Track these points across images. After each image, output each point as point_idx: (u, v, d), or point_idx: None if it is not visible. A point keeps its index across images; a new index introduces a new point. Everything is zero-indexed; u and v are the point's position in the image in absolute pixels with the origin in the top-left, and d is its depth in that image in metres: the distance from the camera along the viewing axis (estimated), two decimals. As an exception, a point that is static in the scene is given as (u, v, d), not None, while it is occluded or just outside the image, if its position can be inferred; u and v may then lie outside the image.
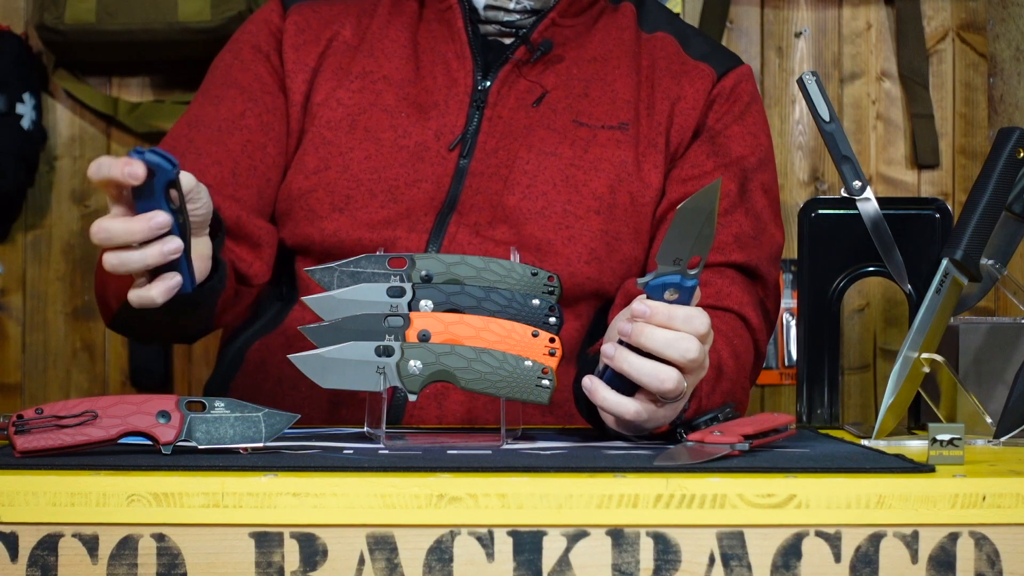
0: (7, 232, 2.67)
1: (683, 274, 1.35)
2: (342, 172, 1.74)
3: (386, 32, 1.82)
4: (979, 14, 2.68)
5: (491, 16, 1.80)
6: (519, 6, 1.79)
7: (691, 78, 1.81)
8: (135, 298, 1.39)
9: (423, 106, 1.77)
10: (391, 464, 1.25)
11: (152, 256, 1.35)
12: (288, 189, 1.76)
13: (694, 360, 1.37)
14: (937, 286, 1.60)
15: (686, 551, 1.19)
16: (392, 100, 1.77)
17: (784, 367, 2.66)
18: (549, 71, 1.80)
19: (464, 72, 1.78)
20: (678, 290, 1.36)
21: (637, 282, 1.38)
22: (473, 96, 1.77)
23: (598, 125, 1.78)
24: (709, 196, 1.31)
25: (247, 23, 1.86)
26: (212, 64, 1.85)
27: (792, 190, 2.67)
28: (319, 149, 1.76)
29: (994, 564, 1.19)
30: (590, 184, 1.74)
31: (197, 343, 2.68)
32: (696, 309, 1.37)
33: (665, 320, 1.37)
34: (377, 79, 1.78)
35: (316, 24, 1.82)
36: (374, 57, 1.80)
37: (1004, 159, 1.60)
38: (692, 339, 1.37)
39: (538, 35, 1.79)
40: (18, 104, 2.56)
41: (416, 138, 1.75)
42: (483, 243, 1.71)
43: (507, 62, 1.79)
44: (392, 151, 1.75)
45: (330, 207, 1.73)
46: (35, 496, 1.17)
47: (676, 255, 1.34)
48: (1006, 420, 1.57)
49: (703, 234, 1.32)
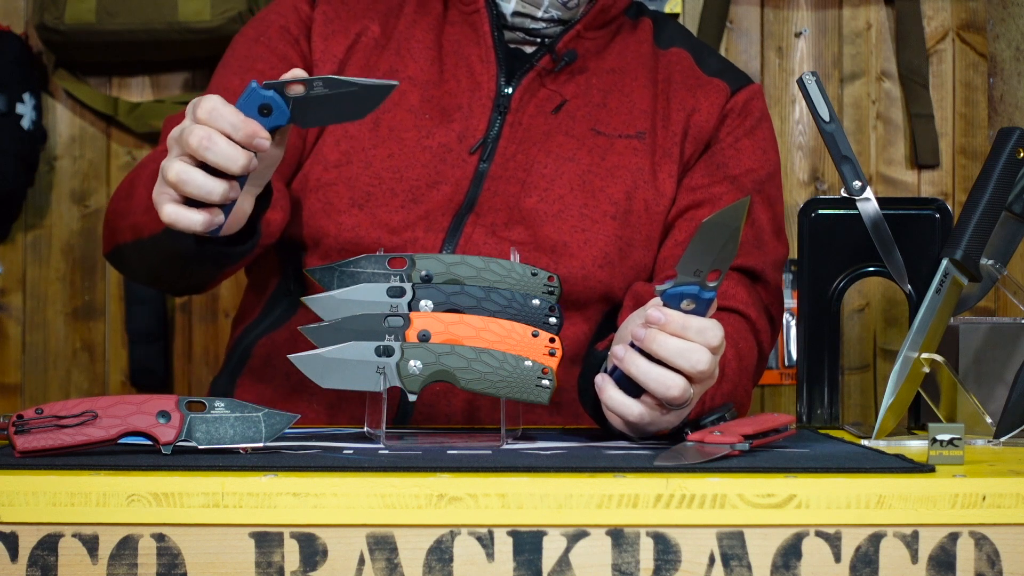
0: (7, 232, 2.67)
1: (702, 286, 1.36)
2: (364, 168, 1.74)
3: (412, 32, 1.82)
4: (979, 14, 2.68)
5: (518, 23, 1.81)
6: (547, 15, 1.80)
7: (706, 92, 1.83)
8: (173, 214, 1.38)
9: (446, 108, 1.78)
10: (391, 464, 1.25)
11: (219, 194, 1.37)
12: (304, 179, 1.76)
13: (703, 372, 1.38)
14: (937, 286, 1.60)
15: (686, 551, 1.19)
16: (416, 101, 1.78)
17: (784, 367, 2.66)
18: (570, 81, 1.81)
19: (488, 76, 1.79)
20: (695, 301, 1.37)
21: (655, 289, 1.39)
22: (496, 101, 1.78)
23: (615, 134, 1.79)
24: (736, 213, 1.31)
25: (274, 5, 1.85)
26: (233, 41, 1.84)
27: (792, 190, 2.67)
28: (341, 143, 1.76)
29: (994, 564, 1.20)
30: (607, 190, 1.75)
31: (197, 343, 2.69)
32: (711, 321, 1.38)
33: (679, 329, 1.37)
34: (402, 79, 1.79)
35: (345, 16, 1.83)
36: (400, 56, 1.80)
37: (1004, 159, 1.60)
38: (703, 350, 1.37)
39: (563, 46, 1.80)
40: (18, 104, 2.56)
41: (439, 140, 1.76)
42: (499, 243, 1.72)
43: (531, 70, 1.80)
44: (415, 151, 1.75)
45: (349, 202, 1.73)
46: (35, 496, 1.17)
47: (697, 267, 1.34)
48: (1006, 420, 1.57)
49: (726, 249, 1.32)
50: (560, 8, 1.80)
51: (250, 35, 1.83)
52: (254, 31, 1.83)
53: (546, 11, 1.80)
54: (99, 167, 2.68)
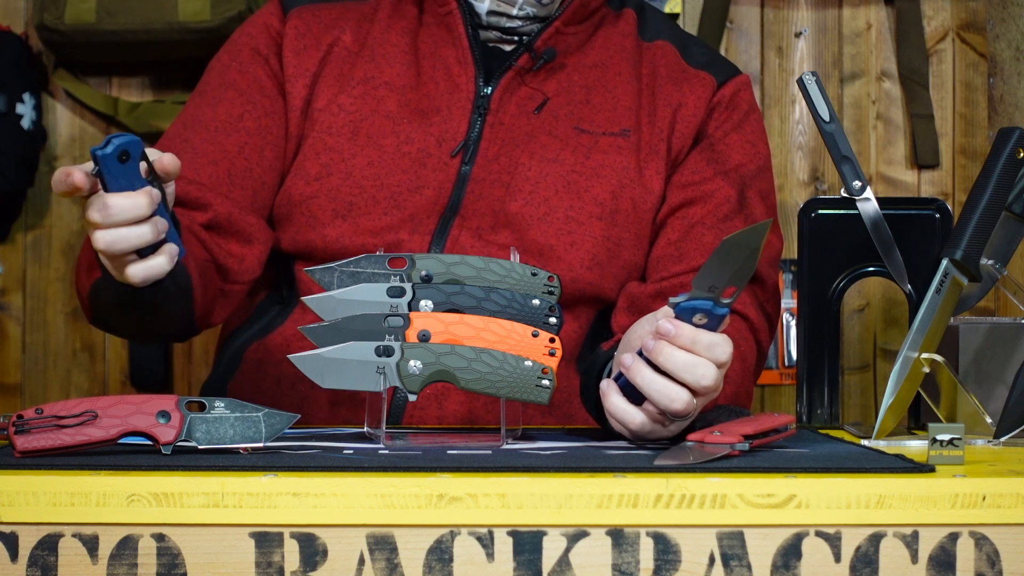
0: (7, 232, 2.67)
1: (716, 301, 1.35)
2: (345, 179, 1.74)
3: (387, 37, 1.81)
4: (979, 14, 2.68)
5: (493, 22, 1.80)
6: (522, 12, 1.79)
7: (692, 85, 1.81)
8: (140, 271, 1.39)
9: (425, 111, 1.77)
10: (391, 464, 1.25)
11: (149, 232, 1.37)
12: (288, 194, 1.76)
13: (707, 387, 1.37)
14: (937, 286, 1.60)
15: (686, 551, 1.19)
16: (394, 106, 1.77)
17: (784, 367, 2.66)
18: (551, 78, 1.80)
19: (466, 78, 1.78)
20: (707, 316, 1.36)
21: (669, 301, 1.38)
22: (475, 102, 1.77)
23: (600, 132, 1.78)
24: (757, 234, 1.30)
25: (246, 25, 1.85)
26: (209, 65, 1.84)
27: (792, 190, 2.67)
28: (320, 155, 1.75)
29: (994, 564, 1.20)
30: (592, 190, 1.74)
31: (197, 343, 2.69)
32: (721, 336, 1.37)
33: (688, 343, 1.36)
34: (379, 84, 1.78)
35: (317, 29, 1.81)
36: (375, 63, 1.79)
37: (1004, 159, 1.60)
38: (710, 366, 1.37)
39: (542, 43, 1.79)
40: (18, 104, 2.56)
41: (418, 144, 1.75)
42: (486, 247, 1.71)
43: (510, 69, 1.78)
44: (395, 157, 1.74)
45: (332, 213, 1.73)
46: (35, 496, 1.17)
47: (713, 282, 1.34)
48: (1006, 420, 1.57)
49: (744, 268, 1.32)
50: (535, 5, 1.78)
51: (224, 60, 1.82)
52: (228, 56, 1.83)
53: (521, 8, 1.79)
54: (99, 167, 2.68)
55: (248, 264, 1.72)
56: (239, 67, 1.80)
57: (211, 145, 1.75)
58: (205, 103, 1.79)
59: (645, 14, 1.88)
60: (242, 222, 1.71)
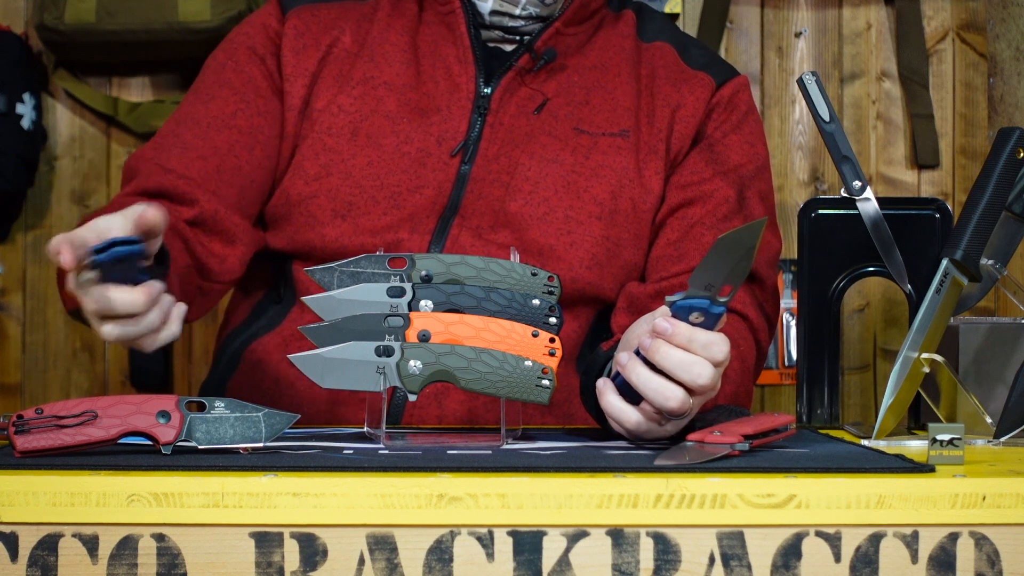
0: (7, 232, 2.67)
1: (712, 300, 1.35)
2: (344, 179, 1.74)
3: (386, 36, 1.81)
4: (979, 14, 2.68)
5: (496, 21, 1.80)
6: (525, 12, 1.79)
7: (691, 86, 1.81)
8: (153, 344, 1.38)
9: (425, 111, 1.77)
10: (391, 464, 1.25)
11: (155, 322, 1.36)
12: (286, 194, 1.76)
13: (703, 386, 1.37)
14: (937, 286, 1.60)
15: (686, 551, 1.19)
16: (394, 106, 1.77)
17: (784, 367, 2.66)
18: (551, 79, 1.80)
19: (467, 77, 1.78)
20: (704, 314, 1.36)
21: (666, 299, 1.38)
22: (476, 102, 1.77)
23: (599, 132, 1.78)
24: (752, 232, 1.30)
25: (243, 24, 1.85)
26: (205, 63, 1.84)
27: (792, 190, 2.67)
28: (320, 155, 1.75)
29: (994, 564, 1.20)
30: (591, 190, 1.75)
31: (197, 343, 2.69)
32: (718, 335, 1.37)
33: (684, 342, 1.36)
34: (378, 84, 1.78)
35: (316, 29, 1.81)
36: (375, 62, 1.79)
37: (1004, 159, 1.60)
38: (707, 364, 1.37)
39: (542, 44, 1.79)
40: (18, 104, 2.56)
41: (418, 144, 1.75)
42: (485, 246, 1.71)
43: (510, 69, 1.78)
44: (394, 157, 1.74)
45: (332, 213, 1.73)
46: (35, 496, 1.17)
47: (709, 281, 1.34)
48: (1006, 420, 1.57)
49: (740, 266, 1.32)
50: (538, 5, 1.78)
51: (220, 59, 1.82)
52: (224, 54, 1.82)
53: (524, 8, 1.79)
54: (99, 167, 2.68)
55: (229, 265, 1.72)
56: (235, 66, 1.80)
57: (202, 141, 1.75)
58: (199, 100, 1.79)
59: (644, 15, 1.88)
60: (227, 221, 1.71)
